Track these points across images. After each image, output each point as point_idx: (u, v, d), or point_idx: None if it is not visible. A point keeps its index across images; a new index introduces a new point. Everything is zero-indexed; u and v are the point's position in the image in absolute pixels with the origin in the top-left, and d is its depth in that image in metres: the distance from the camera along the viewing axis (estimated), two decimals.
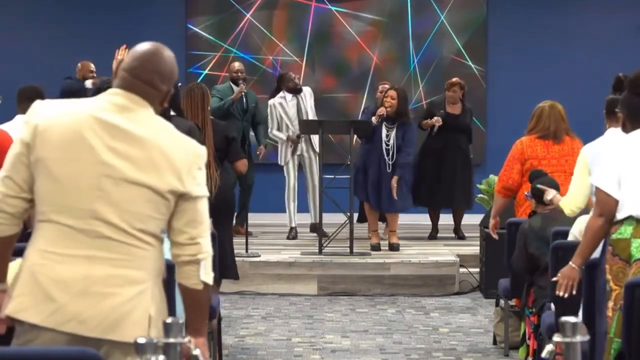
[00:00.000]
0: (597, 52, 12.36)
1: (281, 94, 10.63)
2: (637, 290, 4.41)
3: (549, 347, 2.81)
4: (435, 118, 10.44)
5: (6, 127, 5.96)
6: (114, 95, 3.17)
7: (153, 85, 3.17)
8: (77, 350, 2.91)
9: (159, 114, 3.24)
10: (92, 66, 10.78)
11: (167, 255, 3.25)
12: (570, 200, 5.68)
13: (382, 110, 9.61)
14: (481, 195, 10.78)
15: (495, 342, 7.22)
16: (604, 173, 4.66)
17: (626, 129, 4.77)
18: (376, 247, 9.81)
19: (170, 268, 5.01)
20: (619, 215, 4.60)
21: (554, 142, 7.21)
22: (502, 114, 12.48)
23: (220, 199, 6.67)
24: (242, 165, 7.22)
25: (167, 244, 3.24)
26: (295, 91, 10.57)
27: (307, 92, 10.73)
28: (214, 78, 12.79)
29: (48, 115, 3.13)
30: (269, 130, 10.70)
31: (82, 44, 12.34)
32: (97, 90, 5.77)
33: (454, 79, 10.80)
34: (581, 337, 2.66)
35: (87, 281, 3.06)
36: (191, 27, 13.01)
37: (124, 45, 7.07)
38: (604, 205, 4.63)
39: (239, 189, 10.86)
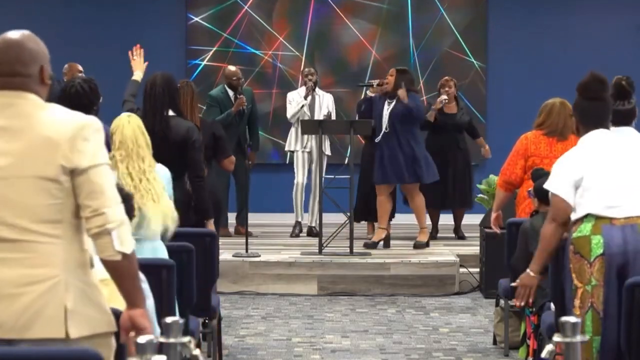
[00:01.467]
0: (598, 52, 12.34)
1: (301, 89, 10.71)
2: (637, 290, 4.42)
3: (549, 347, 2.82)
4: (439, 98, 10.48)
5: None
6: None
7: (20, 74, 3.12)
8: (76, 351, 2.91)
9: (158, 114, 3.22)
10: (80, 67, 10.72)
11: (164, 254, 3.23)
12: None
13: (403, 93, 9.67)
14: (481, 195, 10.77)
15: (495, 342, 7.21)
16: (558, 178, 4.77)
17: (579, 133, 4.89)
18: (374, 246, 9.80)
19: (169, 268, 5.01)
20: (578, 214, 4.70)
21: (559, 140, 7.19)
22: (502, 114, 12.47)
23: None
24: (230, 163, 7.23)
25: (156, 243, 3.21)
26: (307, 89, 10.61)
27: (326, 97, 10.74)
28: (214, 69, 12.76)
29: None
30: (287, 114, 10.68)
31: (82, 38, 12.34)
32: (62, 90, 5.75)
33: (446, 77, 10.82)
34: (581, 337, 2.66)
35: None
36: (191, 16, 12.94)
37: (138, 45, 7.08)
38: (557, 210, 4.76)
39: (235, 189, 10.85)
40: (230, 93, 10.62)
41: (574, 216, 4.73)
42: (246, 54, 12.84)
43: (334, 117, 10.66)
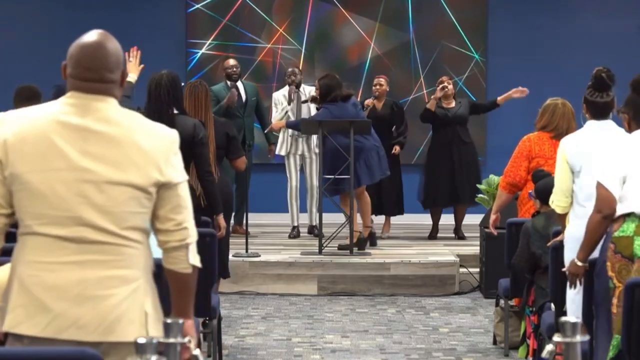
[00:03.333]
0: (598, 52, 12.33)
1: (286, 87, 10.70)
2: (637, 290, 4.41)
3: (549, 347, 2.81)
4: (439, 87, 10.51)
5: None
6: (71, 99, 3.11)
7: (105, 80, 3.12)
8: (76, 350, 2.91)
9: (162, 113, 3.24)
10: None
11: (158, 253, 3.24)
12: (558, 197, 5.55)
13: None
14: (481, 195, 10.76)
15: (495, 342, 7.22)
16: (607, 169, 4.70)
17: (631, 129, 4.82)
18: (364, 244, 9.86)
19: None
20: (621, 211, 4.63)
21: None
22: (502, 114, 12.45)
23: None
24: (242, 163, 7.24)
25: (154, 241, 3.22)
26: (290, 93, 10.60)
27: (312, 92, 10.73)
28: (214, 58, 12.74)
29: (14, 128, 3.08)
30: (272, 119, 10.70)
31: (80, 26, 12.32)
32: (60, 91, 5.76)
33: (443, 77, 10.86)
34: (581, 337, 2.66)
35: (81, 286, 3.04)
36: (192, 2, 12.92)
37: (135, 47, 7.07)
38: (603, 201, 4.67)
39: (235, 187, 10.85)
40: (230, 85, 10.67)
41: (617, 211, 4.66)
42: (246, 46, 12.80)
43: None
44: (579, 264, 4.83)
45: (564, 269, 5.00)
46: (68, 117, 3.08)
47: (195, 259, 3.20)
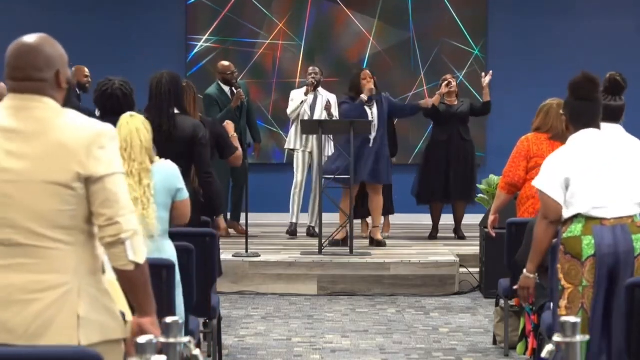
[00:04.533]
0: (598, 52, 12.34)
1: (305, 87, 10.71)
2: (637, 290, 4.42)
3: (549, 347, 2.82)
4: (444, 85, 10.50)
5: None
6: (7, 100, 3.13)
7: (33, 79, 3.11)
8: (76, 350, 2.91)
9: (163, 112, 3.22)
10: (87, 70, 10.73)
11: (167, 255, 3.23)
12: None
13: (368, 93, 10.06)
14: (481, 195, 10.77)
15: (495, 342, 7.22)
16: (548, 176, 4.77)
17: (568, 131, 4.92)
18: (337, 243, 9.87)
19: (170, 268, 5.01)
20: (568, 214, 4.72)
21: (561, 142, 7.19)
22: (502, 114, 12.45)
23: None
24: (237, 158, 7.19)
25: (160, 242, 3.21)
26: (307, 86, 10.61)
27: (329, 98, 10.72)
28: (213, 50, 12.73)
29: None
30: (288, 110, 10.69)
31: (79, 18, 12.42)
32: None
33: (448, 75, 10.87)
34: (581, 337, 2.66)
35: (7, 290, 3.03)
36: None
37: None
38: (547, 208, 4.78)
39: (231, 186, 10.85)
40: (226, 89, 10.60)
41: (564, 216, 4.74)
42: (246, 41, 12.78)
43: (335, 115, 10.64)
44: (530, 276, 4.92)
45: (515, 287, 5.07)
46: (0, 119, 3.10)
47: (136, 255, 3.08)
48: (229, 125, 7.25)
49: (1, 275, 3.04)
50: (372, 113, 9.96)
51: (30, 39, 3.14)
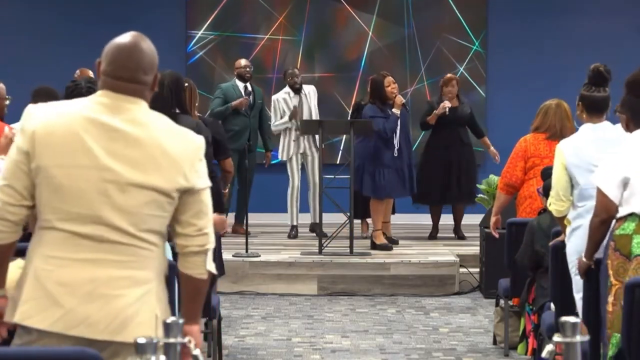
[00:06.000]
0: (599, 53, 12.33)
1: (285, 89, 10.68)
2: (637, 290, 4.42)
3: (549, 347, 2.81)
4: (442, 104, 10.44)
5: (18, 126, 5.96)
6: (102, 97, 3.12)
7: (138, 81, 3.12)
8: (76, 351, 2.91)
9: (166, 113, 3.23)
10: (91, 73, 10.73)
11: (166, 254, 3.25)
12: (555, 201, 5.52)
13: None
14: (481, 195, 10.77)
15: (495, 342, 7.22)
16: (606, 174, 4.73)
17: (629, 129, 4.84)
18: (389, 247, 9.85)
19: (171, 268, 5.01)
20: (623, 212, 4.68)
21: (559, 141, 7.20)
22: (502, 114, 12.47)
23: None
24: (229, 165, 7.22)
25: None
26: (294, 89, 10.60)
27: (311, 91, 10.74)
28: (212, 40, 12.71)
29: (43, 120, 3.08)
30: (272, 123, 10.71)
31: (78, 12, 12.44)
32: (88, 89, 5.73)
33: (450, 75, 10.83)
34: (581, 337, 2.66)
35: (93, 284, 3.05)
36: None
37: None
38: (601, 206, 4.74)
39: (237, 187, 10.86)
40: (240, 85, 10.71)
41: (619, 213, 4.71)
42: (246, 36, 12.77)
43: (315, 104, 10.64)
44: (585, 261, 4.91)
45: (576, 258, 5.05)
46: (98, 115, 3.08)
47: (211, 265, 3.21)
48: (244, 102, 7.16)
49: (88, 268, 3.06)
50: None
51: (137, 39, 3.14)
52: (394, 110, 9.75)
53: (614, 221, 4.74)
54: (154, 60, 3.16)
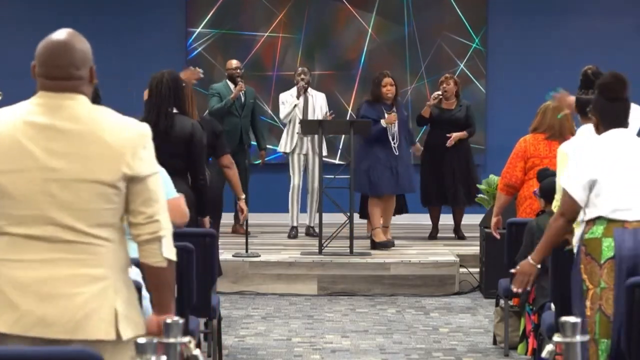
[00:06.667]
0: (598, 52, 12.33)
1: (292, 90, 10.69)
2: (637, 290, 4.42)
3: (549, 347, 2.82)
4: (433, 95, 10.49)
5: None
6: (39, 98, 3.13)
7: (72, 77, 3.12)
8: (76, 351, 2.91)
9: (163, 112, 3.23)
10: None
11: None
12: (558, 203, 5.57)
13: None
14: (481, 195, 10.77)
15: (495, 342, 7.21)
16: (572, 175, 4.75)
17: (598, 131, 4.86)
18: (388, 244, 9.85)
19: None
20: (591, 214, 4.68)
21: (558, 141, 7.21)
22: (502, 114, 12.47)
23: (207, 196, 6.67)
24: (227, 160, 7.22)
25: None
26: (298, 90, 10.59)
27: (319, 97, 10.72)
28: (212, 36, 12.70)
29: None
30: (281, 115, 10.71)
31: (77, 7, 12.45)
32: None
33: (447, 75, 10.83)
34: (581, 337, 2.66)
35: (48, 284, 3.05)
36: None
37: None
38: (566, 207, 4.76)
39: None
40: (232, 85, 10.71)
41: (586, 216, 4.70)
42: (246, 33, 12.76)
43: (323, 108, 10.65)
44: (532, 263, 4.88)
45: (513, 270, 5.02)
46: (34, 117, 3.09)
47: (169, 252, 3.16)
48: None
49: (43, 269, 3.06)
50: (394, 126, 9.84)
51: (63, 36, 3.14)
52: (382, 121, 9.76)
53: (583, 225, 4.74)
54: (86, 54, 3.15)
